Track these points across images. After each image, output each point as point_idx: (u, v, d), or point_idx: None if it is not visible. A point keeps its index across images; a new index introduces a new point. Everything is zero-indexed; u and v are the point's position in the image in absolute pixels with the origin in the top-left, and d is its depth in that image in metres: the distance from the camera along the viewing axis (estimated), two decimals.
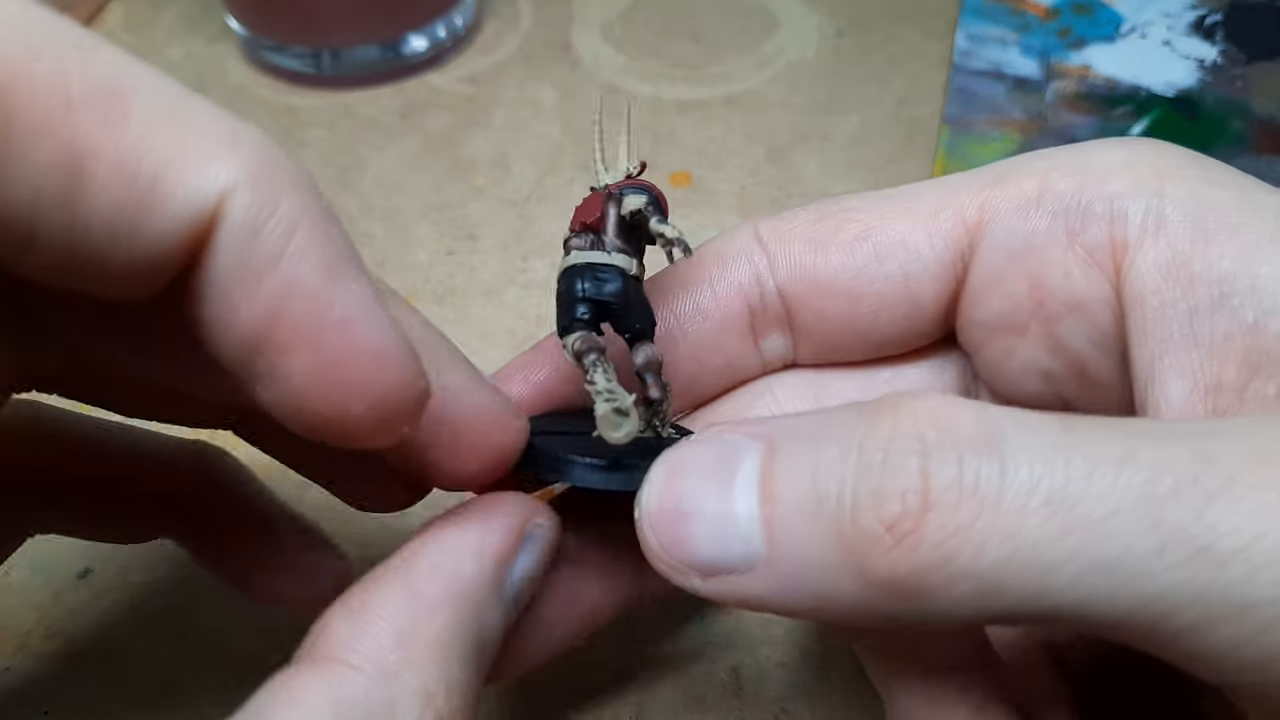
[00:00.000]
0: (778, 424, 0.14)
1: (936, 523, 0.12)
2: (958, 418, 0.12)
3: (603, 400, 0.15)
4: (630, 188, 0.17)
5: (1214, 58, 0.37)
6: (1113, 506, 0.11)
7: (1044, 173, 0.17)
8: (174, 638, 0.24)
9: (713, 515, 0.14)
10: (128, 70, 0.11)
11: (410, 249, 0.32)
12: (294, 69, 0.38)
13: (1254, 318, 0.14)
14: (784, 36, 0.40)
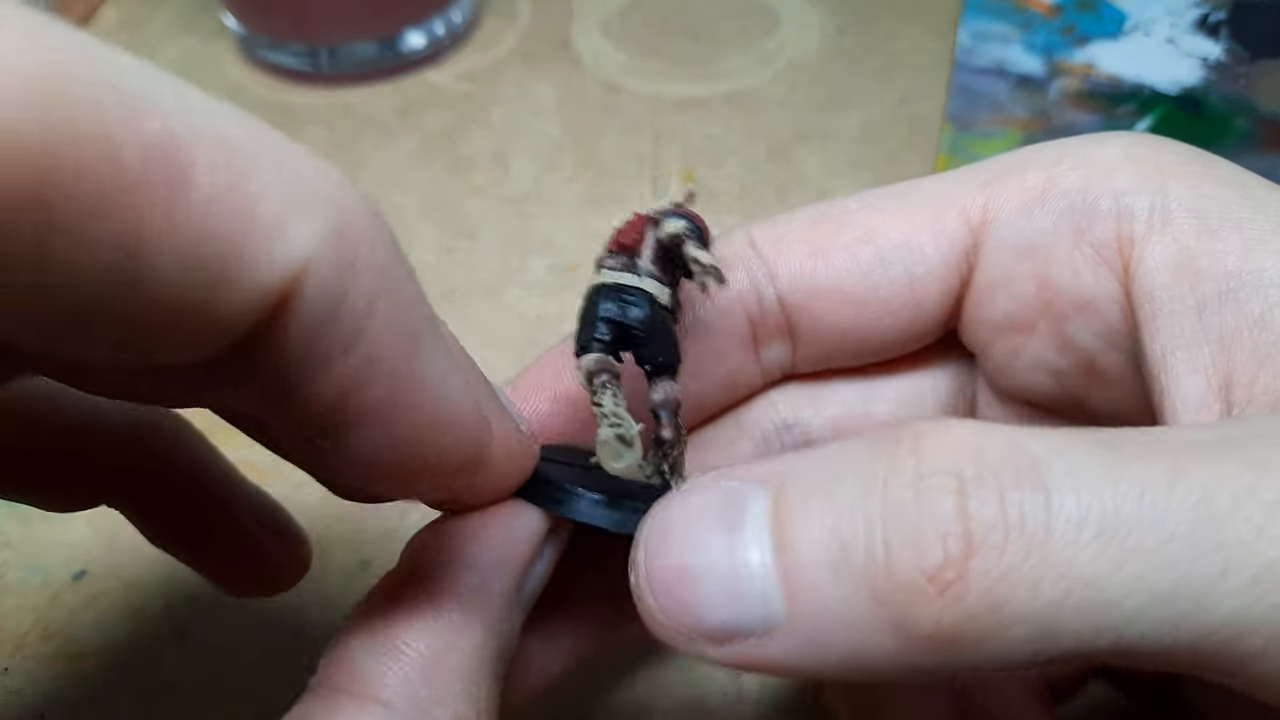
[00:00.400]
0: (783, 465, 0.13)
1: (983, 568, 0.11)
2: (989, 447, 0.11)
3: (607, 425, 0.14)
4: (673, 213, 0.16)
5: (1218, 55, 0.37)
6: (1169, 531, 0.11)
7: (1047, 168, 0.17)
8: (173, 638, 0.23)
9: (722, 572, 0.12)
10: (185, 123, 0.10)
11: (409, 248, 0.32)
12: (291, 67, 0.38)
13: (1260, 311, 0.14)
14: (785, 34, 0.40)
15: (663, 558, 0.13)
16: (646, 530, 0.13)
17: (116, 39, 0.40)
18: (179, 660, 0.23)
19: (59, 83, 0.08)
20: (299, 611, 0.24)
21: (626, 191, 0.34)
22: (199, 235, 0.09)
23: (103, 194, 0.09)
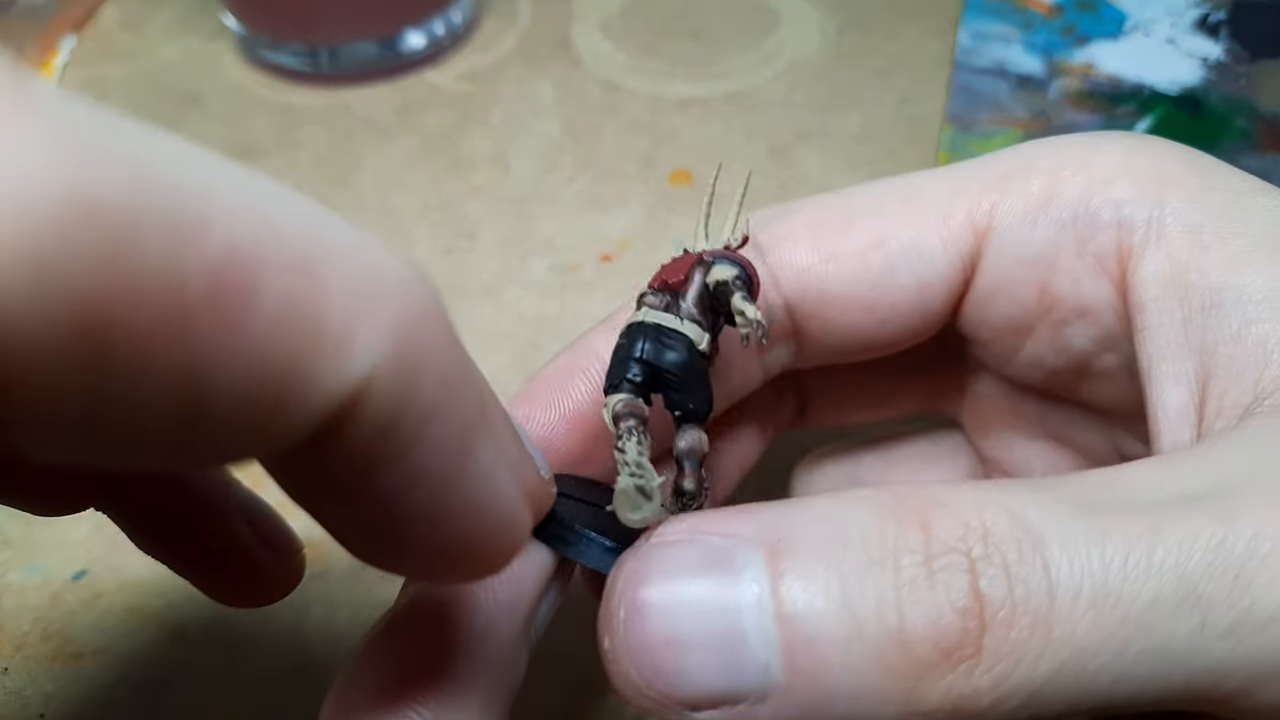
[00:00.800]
0: (773, 521, 0.12)
1: (994, 645, 0.11)
2: (994, 524, 0.12)
3: (628, 474, 0.13)
4: (724, 258, 0.15)
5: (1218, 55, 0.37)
6: (1152, 595, 0.11)
7: (1050, 172, 0.17)
8: (172, 638, 0.23)
9: (717, 643, 0.12)
10: (247, 228, 0.08)
11: (408, 248, 0.32)
12: (291, 67, 0.38)
13: (1237, 326, 0.15)
14: (785, 34, 0.40)
15: (645, 626, 0.12)
16: (620, 588, 0.12)
17: (116, 39, 0.40)
18: (178, 660, 0.23)
19: (102, 201, 0.07)
20: (299, 612, 0.24)
21: (626, 191, 0.34)
22: (263, 354, 0.08)
23: (162, 332, 0.08)
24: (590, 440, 0.17)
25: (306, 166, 0.35)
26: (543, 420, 0.17)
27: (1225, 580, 0.11)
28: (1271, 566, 0.11)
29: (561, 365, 0.18)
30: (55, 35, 0.39)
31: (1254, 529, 0.11)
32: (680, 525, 0.13)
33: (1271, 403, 0.14)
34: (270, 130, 0.36)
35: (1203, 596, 0.11)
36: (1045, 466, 0.21)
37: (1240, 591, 0.11)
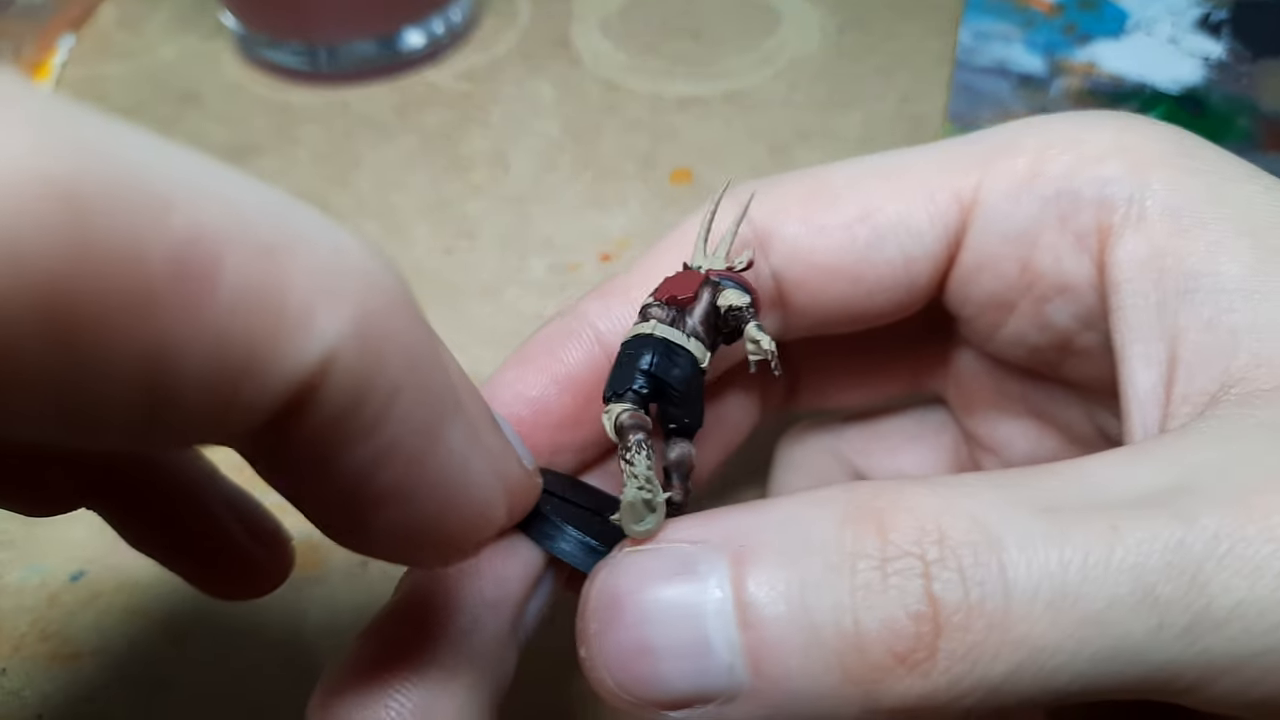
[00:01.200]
0: (737, 525, 0.13)
1: (949, 647, 0.11)
2: (949, 526, 0.12)
3: (635, 486, 0.13)
4: (733, 282, 0.16)
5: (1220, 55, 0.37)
6: (1109, 595, 0.11)
7: (1037, 150, 0.17)
8: (171, 638, 0.23)
9: (685, 649, 0.12)
10: (210, 212, 0.09)
11: (407, 248, 0.32)
12: (290, 65, 0.38)
13: (1209, 315, 0.15)
14: (785, 33, 0.39)
15: (617, 634, 0.13)
16: (594, 598, 0.13)
17: (115, 38, 0.40)
18: (177, 661, 0.23)
19: (74, 187, 0.07)
20: (298, 612, 0.24)
21: (626, 191, 0.34)
22: (225, 335, 0.09)
23: (127, 310, 0.08)
24: (582, 402, 0.17)
25: (305, 165, 0.35)
26: (535, 383, 0.17)
27: (1183, 581, 0.11)
28: (1228, 567, 0.11)
29: (555, 330, 0.18)
30: (54, 34, 0.39)
31: (1213, 529, 0.11)
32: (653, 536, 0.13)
33: (1238, 392, 0.14)
34: (269, 129, 0.36)
35: (1160, 597, 0.11)
36: (1027, 444, 0.21)
37: (1197, 592, 0.11)
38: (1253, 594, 0.11)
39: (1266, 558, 0.11)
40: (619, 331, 0.17)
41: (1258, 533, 0.11)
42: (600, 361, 0.18)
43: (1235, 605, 0.11)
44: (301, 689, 0.23)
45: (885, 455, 0.23)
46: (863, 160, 0.18)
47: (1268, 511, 0.11)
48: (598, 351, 0.18)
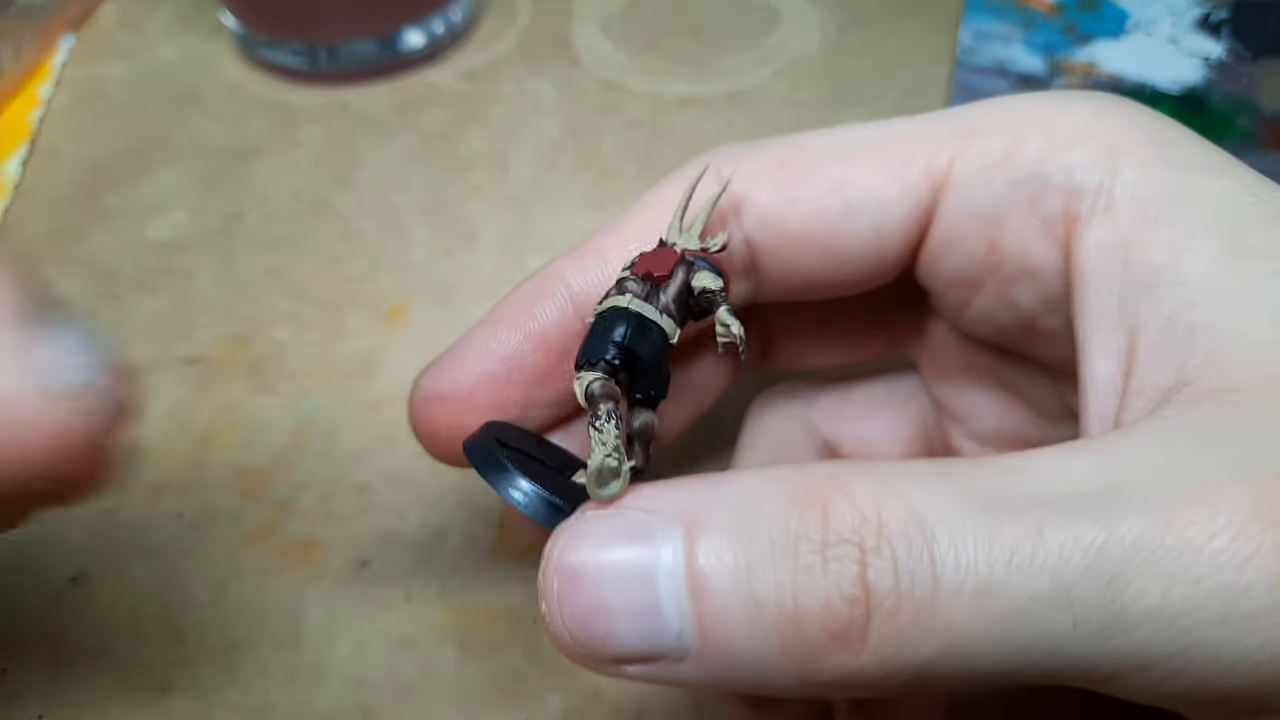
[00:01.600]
0: (694, 500, 0.14)
1: (878, 630, 0.12)
2: (888, 515, 0.13)
3: (603, 454, 0.14)
4: (707, 264, 0.17)
5: (1220, 55, 0.37)
6: (1030, 592, 0.12)
7: (1011, 131, 0.17)
8: (170, 639, 0.23)
9: (638, 611, 0.13)
10: None
11: (407, 248, 0.32)
12: (290, 65, 0.38)
13: (1169, 311, 0.15)
14: (785, 32, 0.39)
15: (576, 594, 0.13)
16: (556, 557, 0.14)
17: (115, 38, 0.40)
18: (177, 662, 0.23)
19: None
20: (298, 612, 0.24)
21: (626, 191, 0.34)
22: None
23: None
24: (554, 359, 0.18)
25: (305, 166, 0.35)
26: (509, 340, 0.18)
27: (1099, 584, 0.12)
28: (1145, 574, 0.12)
29: (529, 289, 0.18)
30: (54, 34, 0.39)
31: (1133, 536, 0.12)
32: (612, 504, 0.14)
33: (1190, 392, 0.14)
34: (269, 129, 0.36)
35: (1076, 599, 0.12)
36: (994, 416, 0.22)
37: (1113, 596, 0.12)
38: (1164, 601, 0.12)
39: (1182, 568, 0.12)
40: (592, 290, 0.18)
41: (1174, 543, 0.12)
42: (572, 320, 0.18)
43: (1148, 610, 0.12)
44: (301, 688, 0.23)
45: (854, 422, 0.23)
46: (844, 129, 0.19)
47: (1186, 523, 0.12)
48: (570, 310, 0.18)
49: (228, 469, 0.27)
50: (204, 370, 0.29)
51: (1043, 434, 0.21)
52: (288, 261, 0.32)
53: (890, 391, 0.23)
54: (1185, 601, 0.12)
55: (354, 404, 0.28)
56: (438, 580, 0.24)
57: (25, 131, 0.36)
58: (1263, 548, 0.12)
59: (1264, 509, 0.12)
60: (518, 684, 0.23)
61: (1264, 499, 0.12)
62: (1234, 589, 0.12)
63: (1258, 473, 0.12)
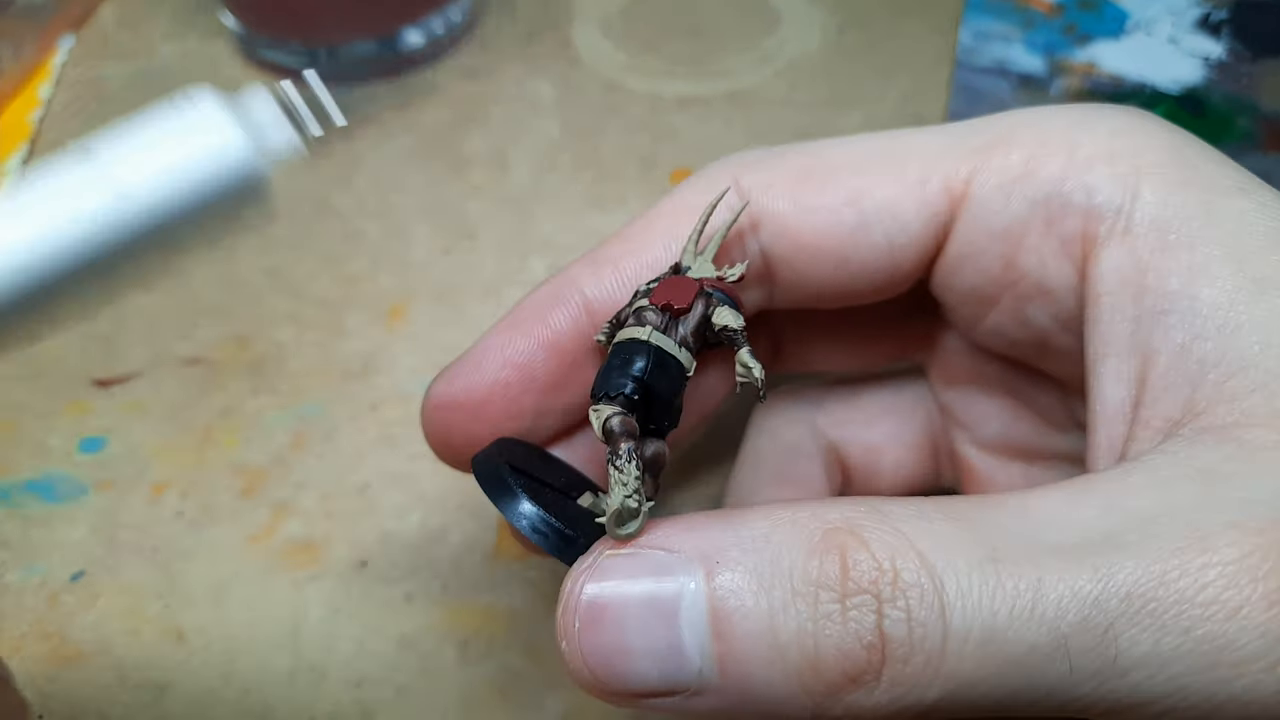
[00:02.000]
0: (711, 540, 0.14)
1: (890, 674, 0.13)
2: (903, 566, 0.13)
3: (624, 494, 0.14)
4: (725, 295, 0.17)
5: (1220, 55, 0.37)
6: (1030, 643, 0.13)
7: (1032, 147, 0.17)
8: (171, 639, 0.23)
9: (659, 650, 0.14)
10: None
11: (407, 248, 0.32)
12: (290, 65, 0.38)
13: (1182, 340, 0.15)
14: (786, 32, 0.39)
15: (597, 633, 0.14)
16: (576, 597, 0.14)
17: (115, 38, 0.40)
18: (177, 661, 0.23)
19: None
20: (297, 613, 0.24)
21: (626, 191, 0.34)
22: None
23: None
24: (567, 367, 0.18)
25: (305, 165, 0.35)
26: (522, 348, 0.18)
27: (1095, 635, 0.13)
28: (1138, 624, 0.12)
29: (543, 296, 0.18)
30: (54, 34, 0.39)
31: (1127, 588, 0.13)
32: (632, 540, 0.15)
33: (1198, 425, 0.14)
34: None
35: (1073, 648, 0.13)
36: (1001, 424, 0.22)
37: (1107, 644, 0.13)
38: (1156, 650, 0.12)
39: (1172, 619, 0.12)
40: (606, 299, 0.18)
41: (1166, 594, 0.13)
42: (586, 329, 0.18)
43: (1140, 658, 0.13)
44: (301, 687, 0.23)
45: (860, 427, 0.23)
46: (863, 139, 0.19)
47: (1179, 575, 0.13)
48: (584, 319, 0.18)
49: (228, 469, 0.27)
50: (204, 370, 0.29)
51: (1048, 443, 0.21)
52: (288, 261, 0.32)
53: (897, 396, 0.23)
54: (1175, 649, 0.12)
55: (354, 404, 0.28)
56: (438, 580, 0.24)
57: (25, 131, 0.36)
58: (1251, 599, 0.12)
59: (1254, 561, 0.12)
60: (517, 684, 0.23)
61: (1255, 551, 0.12)
62: (1222, 638, 0.12)
63: (1252, 521, 0.13)
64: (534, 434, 0.19)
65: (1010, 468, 0.22)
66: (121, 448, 0.27)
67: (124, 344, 0.29)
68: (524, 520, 0.15)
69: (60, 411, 0.28)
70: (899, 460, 0.23)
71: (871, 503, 0.14)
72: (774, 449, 0.23)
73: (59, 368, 0.29)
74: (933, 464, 0.23)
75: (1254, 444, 0.14)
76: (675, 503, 0.26)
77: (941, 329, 0.21)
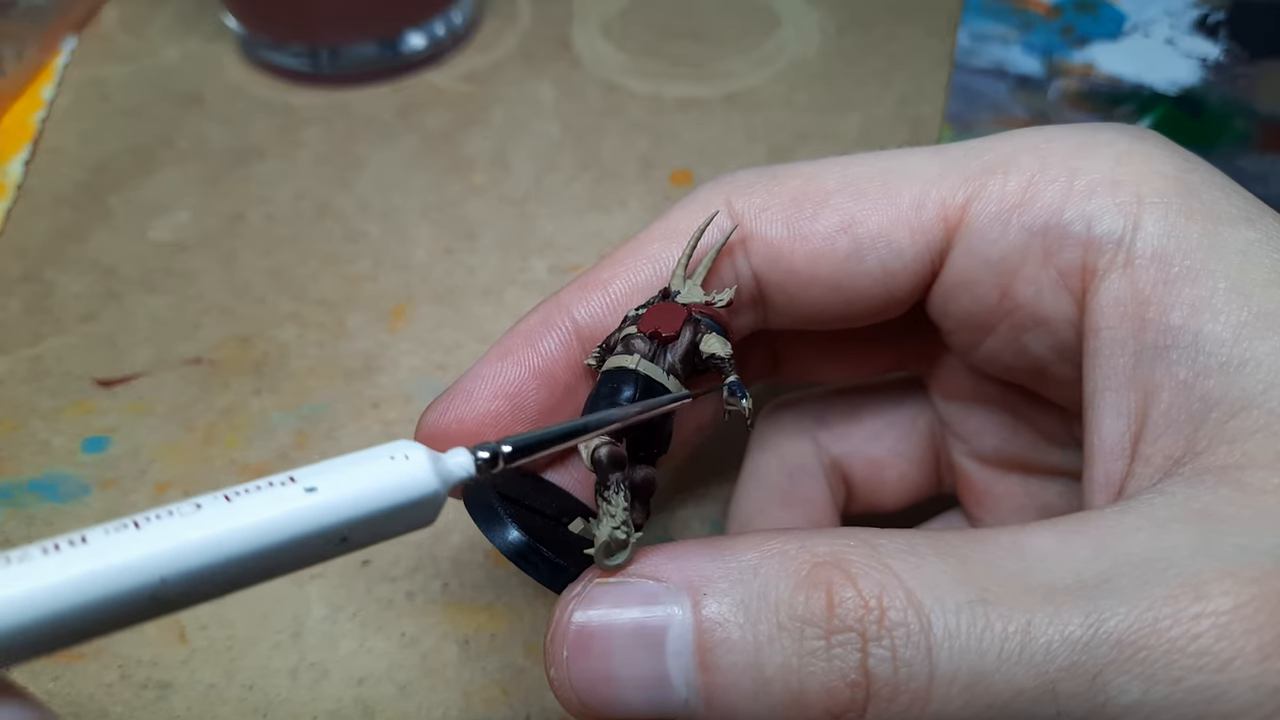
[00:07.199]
0: (699, 571, 0.14)
1: (875, 712, 0.13)
2: (889, 604, 0.13)
3: (611, 526, 0.14)
4: (713, 322, 0.17)
5: (1217, 56, 0.37)
6: (1018, 687, 0.13)
7: (1031, 172, 0.17)
8: (172, 638, 0.23)
9: (645, 680, 0.14)
10: None
11: (408, 248, 0.32)
12: (292, 67, 0.38)
13: (1185, 376, 0.15)
14: (785, 34, 0.40)
15: (584, 661, 0.14)
16: (565, 626, 0.14)
17: (117, 39, 0.40)
18: (179, 659, 0.23)
19: None
20: (299, 611, 0.24)
21: (626, 191, 0.34)
22: None
23: None
24: (559, 395, 0.18)
25: (307, 167, 0.35)
26: (513, 376, 0.18)
27: (1084, 680, 0.12)
28: (1128, 671, 0.12)
29: (533, 322, 0.18)
30: (56, 36, 0.39)
31: (1118, 634, 0.12)
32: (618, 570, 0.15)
33: (1198, 465, 0.14)
34: (271, 131, 0.36)
35: (1060, 693, 0.12)
36: (999, 439, 0.21)
37: (1096, 690, 0.12)
38: (1146, 698, 0.12)
39: (1162, 668, 0.12)
40: (596, 323, 0.18)
41: (1158, 643, 0.12)
42: (577, 354, 0.18)
43: (1129, 706, 0.12)
44: (303, 686, 0.23)
45: (861, 441, 0.23)
46: (859, 160, 0.18)
47: (1171, 623, 0.12)
48: (575, 344, 0.18)
49: (231, 468, 0.27)
50: (207, 370, 0.29)
51: (1046, 458, 0.21)
52: (290, 262, 0.32)
53: (897, 409, 0.23)
54: (1165, 699, 0.12)
55: (356, 403, 0.28)
56: (439, 579, 0.24)
57: (28, 132, 0.36)
58: (1244, 651, 0.12)
59: (1249, 611, 0.12)
60: (518, 682, 0.23)
61: (1250, 601, 0.12)
62: (1214, 689, 0.12)
63: (1248, 570, 0.12)
64: None
65: (1008, 479, 0.22)
66: (125, 447, 0.27)
67: (127, 344, 0.30)
68: (512, 549, 0.15)
69: (64, 411, 0.28)
70: (902, 474, 0.23)
71: (863, 535, 0.14)
72: (776, 467, 0.23)
73: (62, 368, 0.29)
74: (935, 475, 0.23)
75: (1255, 487, 0.13)
76: (677, 520, 0.26)
77: (940, 345, 0.21)
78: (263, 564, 0.12)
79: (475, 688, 0.23)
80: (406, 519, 0.13)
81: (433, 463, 0.13)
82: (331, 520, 0.13)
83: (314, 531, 0.13)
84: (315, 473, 0.13)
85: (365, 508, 0.13)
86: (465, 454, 0.14)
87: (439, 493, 0.14)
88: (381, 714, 0.22)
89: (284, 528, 0.12)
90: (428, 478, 0.13)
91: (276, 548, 0.12)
